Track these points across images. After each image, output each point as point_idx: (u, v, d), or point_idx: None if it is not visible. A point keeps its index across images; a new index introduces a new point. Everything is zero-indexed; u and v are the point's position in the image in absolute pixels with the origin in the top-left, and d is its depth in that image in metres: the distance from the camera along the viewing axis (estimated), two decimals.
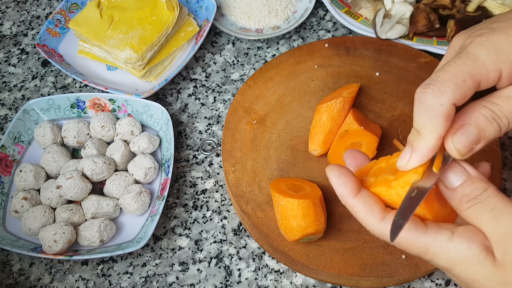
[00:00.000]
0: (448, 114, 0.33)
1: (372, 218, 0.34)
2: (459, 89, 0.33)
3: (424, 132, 0.34)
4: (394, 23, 0.67)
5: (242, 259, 0.57)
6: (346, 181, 0.35)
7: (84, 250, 0.56)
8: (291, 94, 0.63)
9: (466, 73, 0.34)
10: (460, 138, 0.33)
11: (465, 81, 0.33)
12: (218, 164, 0.64)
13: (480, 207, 0.32)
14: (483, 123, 0.33)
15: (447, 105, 0.33)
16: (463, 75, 0.34)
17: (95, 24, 0.68)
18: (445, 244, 0.32)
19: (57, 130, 0.63)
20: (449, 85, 0.33)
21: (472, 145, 0.33)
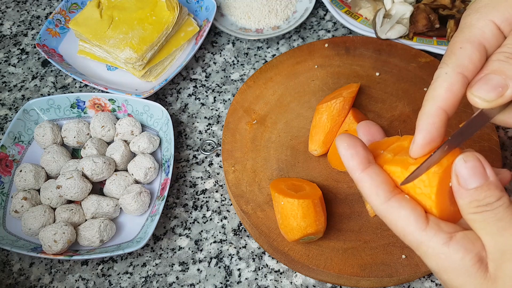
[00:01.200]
0: (451, 82, 0.32)
1: (377, 198, 0.33)
2: (460, 56, 0.33)
3: (425, 104, 0.34)
4: (394, 23, 0.67)
5: (242, 259, 0.57)
6: (355, 153, 0.33)
7: (84, 250, 0.56)
8: (291, 94, 0.63)
9: (459, 40, 0.34)
10: (479, 85, 0.32)
11: (462, 48, 0.33)
12: (218, 164, 0.64)
13: (487, 215, 0.30)
14: (499, 66, 0.32)
15: (451, 73, 0.33)
16: (458, 44, 0.34)
17: (95, 24, 0.68)
18: (439, 248, 0.31)
19: (57, 130, 0.63)
20: (449, 56, 0.34)
21: (498, 88, 0.31)
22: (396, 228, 0.33)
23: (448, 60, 0.34)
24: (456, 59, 0.33)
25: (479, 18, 0.34)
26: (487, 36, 0.33)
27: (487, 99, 0.31)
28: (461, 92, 0.33)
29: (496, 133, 0.58)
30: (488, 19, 0.34)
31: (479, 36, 0.33)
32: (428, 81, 0.63)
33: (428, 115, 0.33)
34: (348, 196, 0.55)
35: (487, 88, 0.31)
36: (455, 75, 0.33)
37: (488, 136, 0.57)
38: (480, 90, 0.32)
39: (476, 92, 0.32)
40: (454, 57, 0.33)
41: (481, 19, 0.34)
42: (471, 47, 0.33)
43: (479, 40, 0.33)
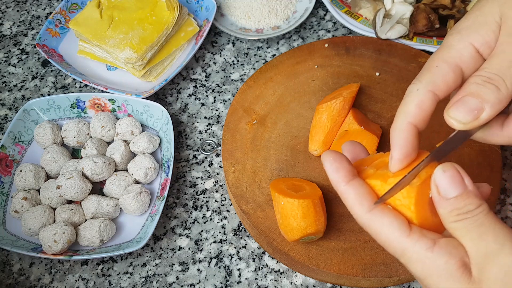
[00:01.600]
0: (421, 99, 0.34)
1: (360, 208, 0.34)
2: (434, 75, 0.34)
3: (396, 119, 0.35)
4: (394, 23, 0.67)
5: (242, 259, 0.57)
6: (339, 167, 0.35)
7: (84, 250, 0.56)
8: (291, 94, 0.63)
9: (437, 59, 0.35)
10: (456, 107, 0.33)
11: (438, 67, 0.34)
12: (218, 164, 0.64)
13: (468, 222, 0.31)
14: (476, 89, 0.33)
15: (422, 90, 0.34)
16: (435, 62, 0.35)
17: (95, 24, 0.68)
18: (423, 253, 0.31)
19: (57, 130, 0.63)
20: (424, 73, 0.35)
21: (474, 111, 0.32)
22: (380, 237, 0.33)
23: (422, 77, 0.35)
24: (430, 77, 0.34)
25: (460, 39, 0.35)
26: (465, 59, 0.34)
27: (463, 121, 0.32)
28: (430, 109, 0.34)
29: None
30: (468, 41, 0.34)
31: (456, 58, 0.34)
32: None
33: (400, 130, 0.35)
34: None
35: (463, 110, 0.32)
36: (426, 93, 0.34)
37: None
38: (456, 112, 0.33)
39: (452, 114, 0.33)
40: (428, 74, 0.34)
41: (461, 41, 0.34)
42: (447, 67, 0.34)
43: (455, 61, 0.34)
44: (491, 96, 0.32)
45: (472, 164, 0.56)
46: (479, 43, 0.34)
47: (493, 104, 0.32)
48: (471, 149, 0.57)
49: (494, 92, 0.32)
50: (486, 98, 0.32)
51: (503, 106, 0.33)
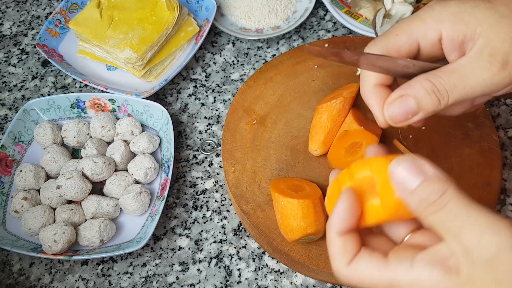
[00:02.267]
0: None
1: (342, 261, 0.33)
2: (389, 41, 0.37)
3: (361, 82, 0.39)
4: (394, 23, 0.67)
5: (242, 259, 0.57)
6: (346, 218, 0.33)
7: (84, 250, 0.56)
8: (291, 94, 0.63)
9: (401, 28, 0.37)
10: (395, 105, 0.35)
11: (398, 35, 0.36)
12: (218, 164, 0.64)
13: (443, 215, 0.29)
14: (422, 95, 0.34)
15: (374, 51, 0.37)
16: (397, 30, 0.37)
17: (95, 24, 0.68)
18: (407, 275, 0.30)
19: (57, 130, 0.63)
20: (382, 36, 0.37)
21: (408, 115, 0.35)
22: (364, 281, 0.32)
23: (378, 40, 0.38)
24: (386, 42, 0.37)
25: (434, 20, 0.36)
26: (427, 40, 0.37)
27: (394, 120, 0.36)
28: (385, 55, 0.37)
29: (496, 133, 0.58)
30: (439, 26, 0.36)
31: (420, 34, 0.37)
32: None
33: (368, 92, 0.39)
34: None
35: (400, 111, 0.35)
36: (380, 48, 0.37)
37: (488, 136, 0.57)
38: (393, 109, 0.36)
39: (390, 111, 0.36)
40: (385, 39, 0.37)
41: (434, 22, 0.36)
42: (406, 38, 0.37)
43: (417, 37, 0.37)
44: (430, 107, 0.35)
45: (472, 164, 0.56)
46: (447, 35, 0.36)
47: (426, 113, 0.35)
48: (471, 149, 0.57)
49: (434, 104, 0.34)
50: (425, 107, 0.35)
51: (434, 113, 0.35)
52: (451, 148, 0.57)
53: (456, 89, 0.34)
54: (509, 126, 0.64)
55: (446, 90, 0.34)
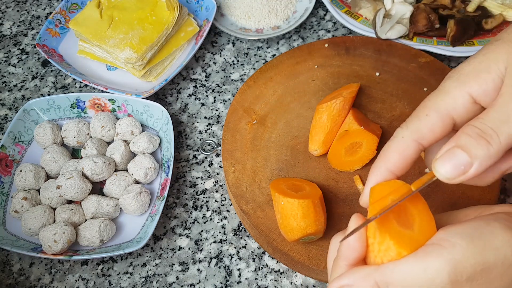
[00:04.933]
0: (403, 148, 0.34)
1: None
2: (422, 124, 0.33)
3: (377, 161, 0.35)
4: (394, 23, 0.67)
5: (242, 259, 0.57)
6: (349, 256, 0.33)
7: (84, 250, 0.56)
8: (291, 94, 0.63)
9: (428, 106, 0.34)
10: (443, 160, 0.31)
11: (428, 115, 0.33)
12: (218, 164, 0.64)
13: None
14: (466, 141, 0.31)
15: (407, 138, 0.34)
16: (426, 110, 0.34)
17: (95, 24, 0.68)
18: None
19: (57, 130, 0.63)
20: (413, 119, 0.34)
21: (460, 167, 0.31)
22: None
23: (410, 124, 0.34)
24: (418, 125, 0.34)
25: (456, 87, 0.33)
26: (459, 108, 0.33)
27: (448, 177, 0.31)
28: (413, 157, 0.34)
29: None
30: (465, 90, 0.33)
31: (449, 107, 0.33)
32: (428, 81, 0.63)
33: (377, 173, 0.35)
34: (348, 196, 0.55)
35: (450, 165, 0.31)
36: (410, 142, 0.34)
37: None
38: (442, 166, 0.31)
39: (438, 167, 0.32)
40: (417, 122, 0.34)
41: (457, 88, 0.33)
42: (437, 117, 0.33)
43: (447, 111, 0.33)
44: (481, 152, 0.31)
45: None
46: (477, 92, 0.33)
47: (482, 160, 0.31)
48: None
49: (484, 148, 0.31)
50: (475, 153, 0.31)
51: (493, 162, 0.31)
52: None
53: (502, 124, 0.31)
54: None
55: (492, 128, 0.31)
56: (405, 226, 0.32)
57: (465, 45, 0.66)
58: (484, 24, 0.68)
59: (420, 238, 0.31)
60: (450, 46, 0.66)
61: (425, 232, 0.31)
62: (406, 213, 0.32)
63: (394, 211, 0.32)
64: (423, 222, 0.32)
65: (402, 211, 0.32)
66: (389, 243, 0.31)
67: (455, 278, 0.29)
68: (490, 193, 0.54)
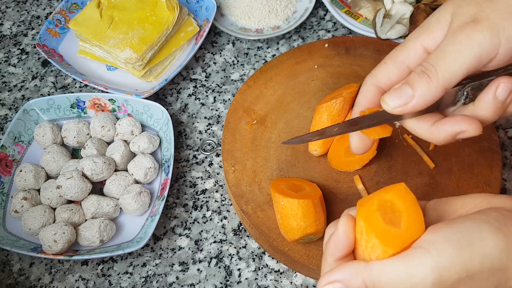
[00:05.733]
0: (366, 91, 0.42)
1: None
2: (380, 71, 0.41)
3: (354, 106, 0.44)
4: (394, 23, 0.67)
5: (242, 259, 0.57)
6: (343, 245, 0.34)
7: (84, 250, 0.56)
8: (291, 94, 0.63)
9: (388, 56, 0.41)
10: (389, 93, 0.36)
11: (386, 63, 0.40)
12: (218, 164, 0.64)
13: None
14: (411, 77, 0.36)
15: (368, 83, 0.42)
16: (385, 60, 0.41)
17: (95, 24, 0.68)
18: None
19: (57, 130, 0.63)
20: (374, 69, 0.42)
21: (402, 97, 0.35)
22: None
23: (372, 72, 0.41)
24: (376, 71, 0.41)
25: (411, 39, 0.39)
26: (412, 56, 0.39)
27: (391, 105, 0.36)
28: (374, 98, 0.41)
29: (496, 133, 0.58)
30: (418, 41, 0.38)
31: (403, 56, 0.39)
32: None
33: (352, 116, 0.42)
34: (348, 196, 0.55)
35: (394, 96, 0.36)
36: (369, 86, 0.41)
37: (488, 136, 0.57)
38: (388, 96, 0.36)
39: (385, 97, 0.36)
40: (376, 69, 0.41)
41: (412, 41, 0.39)
42: (392, 64, 0.40)
43: (401, 59, 0.39)
44: (422, 85, 0.35)
45: (472, 164, 0.56)
46: (427, 42, 0.38)
47: (422, 94, 0.35)
48: (471, 149, 0.57)
49: (424, 81, 0.35)
50: (416, 86, 0.35)
51: (433, 97, 0.35)
52: (451, 148, 0.57)
53: (439, 61, 0.35)
54: (509, 126, 0.64)
55: (432, 65, 0.35)
56: (392, 223, 0.32)
57: None
58: None
59: (407, 236, 0.31)
60: None
61: (412, 230, 0.32)
62: (393, 210, 0.33)
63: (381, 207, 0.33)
64: (410, 219, 0.32)
65: (390, 207, 0.33)
66: (375, 242, 0.31)
67: (439, 285, 0.29)
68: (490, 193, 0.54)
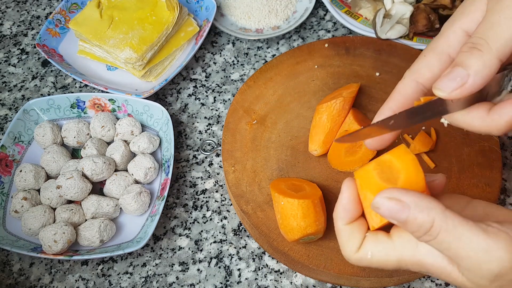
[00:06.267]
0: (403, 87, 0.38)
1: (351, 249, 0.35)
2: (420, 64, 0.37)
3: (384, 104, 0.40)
4: (394, 23, 0.67)
5: (242, 259, 0.57)
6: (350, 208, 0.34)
7: (84, 250, 0.56)
8: (291, 94, 0.63)
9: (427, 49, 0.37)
10: (441, 78, 0.32)
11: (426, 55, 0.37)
12: (218, 164, 0.64)
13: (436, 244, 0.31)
14: (461, 57, 0.32)
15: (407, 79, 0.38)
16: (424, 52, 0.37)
17: (95, 24, 0.68)
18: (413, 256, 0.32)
19: (57, 130, 0.63)
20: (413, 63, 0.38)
21: (456, 78, 0.31)
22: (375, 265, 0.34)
23: (411, 66, 0.37)
24: (417, 65, 0.37)
25: (449, 26, 0.36)
26: (452, 43, 0.36)
27: (447, 90, 0.32)
28: (412, 96, 0.37)
29: None
30: (457, 26, 0.35)
31: (443, 44, 0.36)
32: None
33: (379, 114, 0.38)
34: None
35: (448, 79, 0.32)
36: (409, 81, 0.37)
37: (488, 136, 0.57)
38: (440, 83, 0.32)
39: (437, 85, 0.32)
40: (416, 63, 0.37)
41: (450, 27, 0.36)
42: (433, 55, 0.36)
43: (442, 48, 0.36)
44: (475, 61, 0.31)
45: (472, 164, 0.56)
46: (467, 25, 0.35)
47: (477, 69, 0.31)
48: (471, 149, 0.57)
49: (477, 56, 0.31)
50: (469, 63, 0.31)
51: (490, 70, 0.31)
52: (451, 148, 0.57)
53: (488, 31, 0.32)
54: None
55: (480, 37, 0.32)
56: (388, 181, 0.32)
57: None
58: None
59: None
60: None
61: (410, 188, 0.32)
62: (391, 169, 0.33)
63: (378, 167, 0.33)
64: (408, 177, 0.32)
65: (388, 166, 0.33)
66: (370, 198, 0.32)
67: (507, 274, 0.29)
68: (490, 193, 0.54)
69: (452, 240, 0.30)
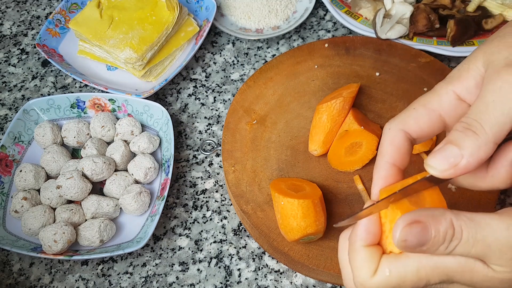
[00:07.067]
0: (392, 137, 0.35)
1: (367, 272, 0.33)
2: (407, 115, 0.36)
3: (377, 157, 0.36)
4: (394, 23, 0.67)
5: (242, 259, 0.57)
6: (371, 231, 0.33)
7: (84, 250, 0.56)
8: (291, 94, 0.63)
9: (418, 101, 0.36)
10: (433, 155, 0.32)
11: (415, 109, 0.36)
12: (218, 164, 0.64)
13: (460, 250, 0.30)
14: (455, 136, 0.32)
15: (394, 128, 0.35)
16: (414, 105, 0.36)
17: (95, 24, 0.68)
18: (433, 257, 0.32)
19: (57, 130, 0.63)
20: (401, 113, 0.36)
21: (450, 159, 0.31)
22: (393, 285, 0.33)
23: (397, 117, 0.36)
24: (404, 117, 0.36)
25: (443, 86, 0.36)
26: (444, 105, 0.35)
27: (439, 169, 0.31)
28: (404, 146, 0.35)
29: None
30: (450, 88, 0.35)
31: (435, 103, 0.35)
32: (428, 81, 0.63)
33: (378, 168, 0.36)
34: (348, 196, 0.55)
35: (440, 158, 0.31)
36: (397, 131, 0.35)
37: None
38: (433, 160, 0.32)
39: (429, 162, 0.32)
40: (403, 115, 0.36)
41: (443, 88, 0.36)
42: (423, 110, 0.36)
43: (433, 106, 0.35)
44: (469, 143, 0.31)
45: None
46: (460, 89, 0.35)
47: (472, 152, 0.31)
48: None
49: (472, 138, 0.31)
50: (463, 145, 0.31)
51: (484, 153, 0.31)
52: None
53: (482, 114, 0.32)
54: None
55: (475, 120, 0.32)
56: (417, 204, 0.32)
57: (465, 45, 0.66)
58: (484, 24, 0.68)
59: None
60: (450, 46, 0.66)
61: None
62: (418, 195, 0.33)
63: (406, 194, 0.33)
64: (433, 201, 0.32)
65: (414, 194, 0.33)
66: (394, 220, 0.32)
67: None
68: (490, 194, 0.54)
69: (476, 231, 0.30)
